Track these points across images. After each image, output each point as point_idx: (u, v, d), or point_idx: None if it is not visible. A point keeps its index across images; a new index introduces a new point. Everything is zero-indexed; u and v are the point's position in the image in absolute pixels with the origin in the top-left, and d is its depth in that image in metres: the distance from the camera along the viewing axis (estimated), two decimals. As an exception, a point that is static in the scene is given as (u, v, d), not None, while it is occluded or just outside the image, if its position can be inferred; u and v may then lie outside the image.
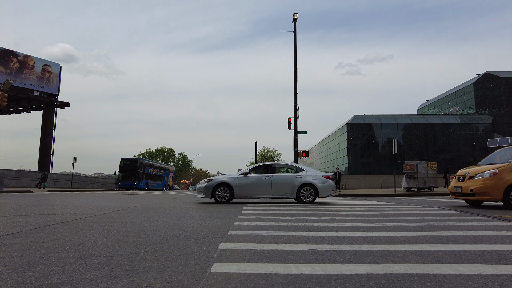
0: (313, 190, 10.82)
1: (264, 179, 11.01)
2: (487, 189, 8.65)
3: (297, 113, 21.14)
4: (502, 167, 8.79)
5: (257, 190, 10.98)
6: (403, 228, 5.11)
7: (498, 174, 8.67)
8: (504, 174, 8.65)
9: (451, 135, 49.44)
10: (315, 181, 10.85)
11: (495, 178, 8.66)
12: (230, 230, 4.81)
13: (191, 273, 2.58)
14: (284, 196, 10.92)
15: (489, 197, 8.70)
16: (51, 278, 2.43)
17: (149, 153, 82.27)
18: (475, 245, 3.75)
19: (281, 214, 7.25)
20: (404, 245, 3.73)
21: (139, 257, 3.11)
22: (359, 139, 49.79)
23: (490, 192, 8.63)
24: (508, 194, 8.49)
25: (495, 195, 8.58)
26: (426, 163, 21.34)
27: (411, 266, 2.80)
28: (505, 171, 8.71)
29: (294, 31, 21.92)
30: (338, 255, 3.24)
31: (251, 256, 3.18)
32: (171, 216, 6.77)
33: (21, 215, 6.60)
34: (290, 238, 4.16)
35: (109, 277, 2.45)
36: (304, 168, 11.42)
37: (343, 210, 8.32)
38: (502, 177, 8.59)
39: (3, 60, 27.87)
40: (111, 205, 9.65)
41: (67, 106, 32.64)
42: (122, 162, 37.00)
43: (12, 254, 3.17)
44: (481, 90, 53.20)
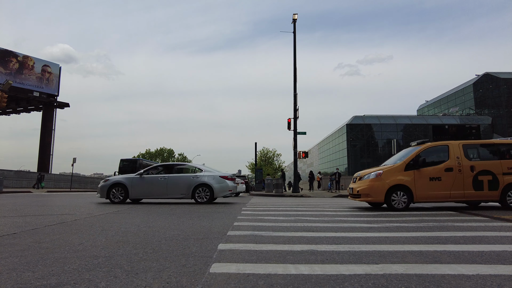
0: (209, 190, 10.74)
1: (159, 180, 10.96)
2: (370, 190, 8.55)
3: (297, 113, 21.16)
4: (387, 168, 8.74)
5: (153, 191, 10.91)
6: (402, 228, 5.12)
7: (382, 175, 8.58)
8: (388, 175, 8.57)
9: (450, 135, 49.46)
10: (211, 181, 10.77)
11: (379, 179, 8.55)
12: (229, 230, 4.81)
13: (190, 273, 2.59)
14: (179, 197, 10.84)
15: (372, 198, 8.56)
16: (50, 278, 2.43)
17: (149, 154, 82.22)
18: (474, 245, 3.75)
19: (280, 214, 7.26)
20: (403, 245, 3.74)
21: (138, 257, 3.11)
22: (359, 140, 49.83)
23: (372, 193, 8.53)
24: (390, 195, 8.40)
25: (377, 196, 8.46)
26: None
27: (410, 267, 2.80)
28: (390, 172, 8.63)
29: (293, 32, 21.94)
30: (337, 255, 3.24)
31: (250, 256, 3.18)
32: (170, 216, 6.77)
33: (21, 216, 6.60)
34: (289, 239, 4.16)
35: (108, 278, 2.45)
36: (203, 169, 11.35)
37: (342, 211, 8.32)
38: (385, 179, 8.51)
39: (2, 61, 27.86)
40: (111, 206, 9.64)
41: (66, 106, 32.63)
42: (122, 162, 36.90)
43: (11, 255, 3.17)
44: (481, 91, 53.27)
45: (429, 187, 8.38)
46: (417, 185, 8.40)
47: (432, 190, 8.38)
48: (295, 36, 21.87)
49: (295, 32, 21.90)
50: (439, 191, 8.37)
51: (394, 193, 8.41)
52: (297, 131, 21.19)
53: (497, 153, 8.76)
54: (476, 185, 8.37)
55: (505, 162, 8.54)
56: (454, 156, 8.56)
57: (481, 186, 8.36)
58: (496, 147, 8.84)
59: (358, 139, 49.84)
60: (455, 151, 8.61)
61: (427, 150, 8.83)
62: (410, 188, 8.38)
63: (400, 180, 8.43)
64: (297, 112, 21.19)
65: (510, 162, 8.56)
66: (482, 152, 8.94)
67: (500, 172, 8.42)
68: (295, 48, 21.82)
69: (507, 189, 8.41)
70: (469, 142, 8.88)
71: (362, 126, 49.74)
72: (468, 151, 8.76)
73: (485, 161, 8.63)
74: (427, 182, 8.40)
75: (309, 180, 28.54)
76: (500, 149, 8.80)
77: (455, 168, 8.45)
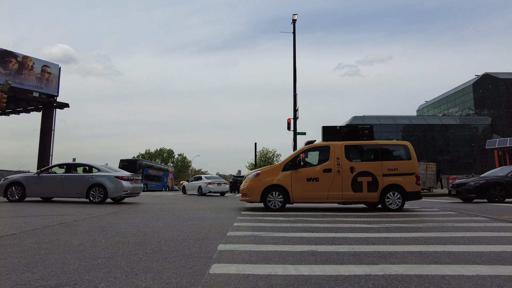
0: (103, 190, 10.68)
1: (56, 179, 10.92)
2: (248, 190, 8.52)
3: (297, 114, 21.16)
4: (267, 169, 8.72)
5: (49, 190, 10.89)
6: (402, 229, 5.12)
7: (260, 176, 8.55)
8: (266, 175, 8.52)
9: (450, 136, 49.48)
10: (105, 181, 10.67)
11: (257, 179, 8.51)
12: (229, 231, 4.81)
13: (190, 274, 2.58)
14: (75, 196, 10.81)
15: (249, 198, 8.50)
16: (50, 279, 2.43)
17: (149, 154, 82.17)
18: (473, 246, 3.75)
19: (280, 215, 7.26)
20: (402, 246, 3.74)
21: (138, 258, 3.11)
22: (359, 140, 49.83)
23: (249, 193, 8.48)
24: (266, 195, 8.34)
25: (254, 196, 8.41)
26: (425, 164, 21.35)
27: (410, 267, 2.80)
28: (268, 172, 8.58)
29: (293, 32, 21.96)
30: (337, 256, 3.24)
31: (250, 257, 3.18)
32: (170, 217, 6.77)
33: (20, 216, 6.59)
34: (289, 239, 4.16)
35: (108, 278, 2.45)
36: (101, 168, 11.25)
37: (342, 211, 8.32)
38: (263, 179, 8.46)
39: (2, 61, 27.86)
40: (111, 206, 9.63)
41: (66, 107, 32.59)
42: (122, 163, 36.98)
43: (11, 255, 3.17)
44: (480, 91, 53.30)
45: (306, 188, 8.31)
46: (293, 186, 8.33)
47: (309, 190, 8.30)
48: (294, 37, 21.89)
49: (295, 32, 21.92)
50: (316, 192, 8.30)
51: (270, 193, 8.33)
52: (297, 131, 21.18)
53: (379, 154, 8.67)
54: (355, 187, 8.30)
55: (386, 163, 8.47)
56: (334, 157, 8.48)
57: (360, 188, 8.29)
58: (378, 148, 8.74)
59: (358, 139, 49.84)
60: (336, 152, 8.52)
61: (308, 150, 8.83)
62: (286, 189, 8.32)
63: (276, 180, 8.38)
64: (297, 112, 21.19)
65: (391, 164, 8.49)
66: (364, 153, 8.89)
67: (380, 174, 8.35)
68: (295, 49, 21.84)
69: (386, 191, 8.33)
70: (351, 143, 8.77)
71: (361, 127, 49.73)
72: (350, 152, 8.68)
73: (366, 162, 8.57)
74: (304, 183, 8.33)
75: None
76: (382, 150, 8.73)
77: (334, 169, 8.38)
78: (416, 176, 8.47)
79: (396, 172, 8.40)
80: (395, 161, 8.58)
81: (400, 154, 8.79)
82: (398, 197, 8.33)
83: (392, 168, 8.42)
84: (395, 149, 8.91)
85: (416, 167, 8.60)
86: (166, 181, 45.20)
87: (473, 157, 48.44)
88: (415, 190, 8.39)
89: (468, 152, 48.98)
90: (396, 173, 8.40)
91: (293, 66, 21.73)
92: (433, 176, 21.55)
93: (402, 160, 8.60)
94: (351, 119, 50.50)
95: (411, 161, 8.57)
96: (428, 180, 20.95)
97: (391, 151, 8.89)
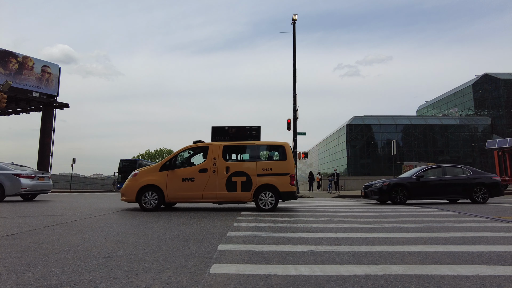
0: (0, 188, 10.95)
1: None
2: (125, 190, 8.51)
3: (297, 114, 21.17)
4: (145, 169, 8.72)
5: None
6: (402, 229, 5.12)
7: (137, 176, 8.56)
8: (143, 175, 8.55)
9: (450, 136, 49.50)
10: (2, 179, 10.95)
11: (134, 179, 8.51)
12: (229, 231, 4.81)
13: (190, 274, 2.59)
14: None
15: (126, 197, 8.49)
16: (50, 279, 2.43)
17: (149, 154, 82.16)
18: (473, 246, 3.76)
19: (280, 215, 7.26)
20: (402, 246, 3.74)
21: (138, 258, 3.11)
22: (358, 140, 49.82)
23: (126, 193, 8.48)
24: (141, 195, 8.34)
25: (130, 196, 8.41)
26: (425, 164, 21.34)
27: (410, 267, 2.81)
28: (145, 172, 8.61)
29: (293, 33, 21.97)
30: (337, 256, 3.25)
31: (250, 257, 3.18)
32: (170, 217, 6.77)
33: (20, 216, 6.59)
34: (289, 239, 4.16)
35: (108, 278, 2.45)
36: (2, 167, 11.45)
37: (342, 211, 8.33)
38: (140, 179, 8.47)
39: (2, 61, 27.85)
40: (110, 207, 9.64)
41: (66, 107, 32.58)
42: (121, 163, 36.96)
43: (11, 255, 3.17)
44: (480, 92, 53.32)
45: (181, 188, 8.35)
46: (169, 186, 8.36)
47: (184, 190, 8.35)
48: (294, 37, 21.90)
49: (295, 32, 21.93)
50: (191, 191, 8.34)
51: (146, 193, 8.35)
52: (297, 131, 21.20)
53: (255, 154, 8.76)
54: (229, 186, 8.34)
55: (261, 163, 8.53)
56: (211, 157, 8.54)
57: (235, 187, 8.33)
58: (254, 148, 8.81)
59: (358, 139, 49.84)
60: (214, 152, 8.58)
61: (188, 150, 8.89)
62: (161, 188, 8.35)
63: (151, 180, 8.40)
64: (297, 112, 21.20)
65: (266, 164, 8.55)
66: (241, 153, 8.99)
67: (255, 174, 8.40)
68: (295, 49, 21.85)
69: (260, 190, 8.36)
70: (230, 143, 8.86)
71: (361, 127, 49.75)
72: (228, 152, 8.81)
73: (241, 162, 8.67)
74: (180, 183, 8.37)
75: (309, 181, 28.52)
76: (257, 150, 8.82)
77: (209, 169, 8.43)
78: (291, 176, 8.47)
79: (271, 172, 8.45)
80: (271, 161, 8.69)
81: (276, 155, 8.90)
82: (271, 197, 8.38)
83: (266, 168, 8.48)
84: (272, 150, 9.04)
85: (291, 167, 8.57)
86: (166, 181, 45.12)
87: (473, 158, 48.44)
88: (289, 190, 8.40)
89: (468, 152, 49.00)
90: (271, 173, 8.44)
91: (293, 66, 21.73)
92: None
93: (277, 161, 8.67)
94: (351, 119, 50.50)
95: (286, 161, 8.58)
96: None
97: (268, 151, 9.06)
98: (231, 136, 9.25)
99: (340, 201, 13.75)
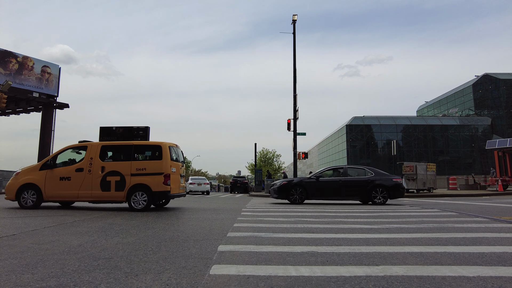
0: None
1: None
2: (7, 188, 8.71)
3: (297, 114, 21.15)
4: (27, 168, 8.86)
5: None
6: (403, 230, 5.11)
7: (19, 174, 8.73)
8: (23, 174, 8.71)
9: (450, 136, 49.48)
10: None
11: (16, 178, 8.72)
12: (229, 232, 4.80)
13: (190, 275, 2.58)
14: None
15: (7, 196, 8.72)
16: (50, 280, 2.42)
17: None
18: (474, 247, 3.74)
19: (280, 215, 7.25)
20: (403, 247, 3.73)
21: (138, 259, 3.10)
22: (359, 140, 49.81)
23: (7, 191, 8.67)
24: (21, 194, 8.50)
25: (10, 194, 8.62)
26: (425, 164, 21.33)
27: (411, 268, 2.80)
28: (26, 171, 8.76)
29: (293, 33, 21.95)
30: (337, 257, 3.24)
31: (250, 258, 3.17)
32: (170, 217, 6.76)
33: (20, 217, 6.58)
34: (289, 240, 4.15)
35: (108, 279, 2.44)
36: None
37: (342, 212, 8.32)
38: (20, 177, 8.65)
39: (2, 61, 27.82)
40: (110, 207, 9.63)
41: (66, 107, 32.53)
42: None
43: (10, 256, 3.16)
44: (480, 92, 53.30)
45: (58, 187, 8.52)
46: (47, 185, 8.54)
47: (61, 189, 8.51)
48: (294, 37, 21.89)
49: (295, 33, 21.91)
50: (67, 190, 8.50)
51: (25, 191, 8.53)
52: (297, 132, 21.18)
53: (130, 154, 8.81)
54: (104, 186, 8.44)
55: (136, 163, 8.60)
56: (88, 157, 8.66)
57: (109, 187, 8.43)
58: (131, 148, 8.87)
59: (358, 139, 49.83)
60: (92, 152, 8.70)
61: (68, 150, 9.00)
62: (39, 187, 8.52)
63: (30, 179, 8.60)
64: (297, 112, 21.18)
65: (141, 163, 8.62)
66: (118, 153, 9.04)
67: (129, 173, 8.46)
68: (295, 49, 21.84)
69: (133, 190, 8.41)
70: (108, 143, 8.97)
71: (361, 127, 49.74)
72: (106, 151, 8.90)
73: (117, 162, 8.72)
74: (58, 182, 8.55)
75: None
76: (135, 150, 8.90)
77: (85, 169, 8.56)
78: (165, 176, 8.47)
79: (145, 172, 8.51)
80: (145, 161, 8.78)
81: (152, 155, 8.95)
82: (144, 196, 8.46)
83: (141, 168, 8.54)
84: (149, 150, 9.12)
85: (166, 167, 8.58)
86: (166, 181, 45.17)
87: (473, 158, 48.43)
88: (162, 190, 8.43)
89: (468, 152, 48.98)
90: (144, 172, 8.50)
91: (293, 66, 21.72)
92: (433, 177, 21.54)
93: (152, 160, 8.73)
94: (351, 119, 50.50)
95: (161, 161, 8.61)
96: (428, 181, 20.93)
97: (144, 151, 9.13)
98: (118, 136, 9.42)
99: (340, 202, 13.73)
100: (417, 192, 20.40)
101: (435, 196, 17.61)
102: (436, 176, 22.14)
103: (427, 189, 21.03)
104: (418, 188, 20.31)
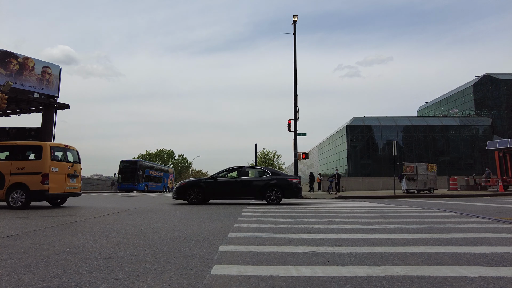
0: None
1: None
2: None
3: (297, 115, 21.16)
4: None
5: None
6: (403, 230, 5.11)
7: None
8: None
9: (450, 137, 49.45)
10: None
11: None
12: (230, 232, 4.80)
13: (191, 275, 2.58)
14: None
15: None
16: (51, 280, 2.42)
17: (149, 155, 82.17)
18: (475, 247, 3.74)
19: (280, 216, 7.24)
20: (404, 247, 3.73)
21: (139, 259, 3.10)
22: (359, 141, 49.80)
23: None
24: None
25: None
26: (425, 165, 21.31)
27: (412, 268, 2.79)
28: None
29: (293, 33, 21.96)
30: (339, 257, 3.23)
31: (251, 258, 3.17)
32: (170, 218, 6.76)
33: (21, 217, 6.59)
34: (290, 240, 4.15)
35: (109, 280, 2.44)
36: None
37: (343, 212, 8.31)
38: None
39: (3, 62, 27.86)
40: (111, 207, 9.64)
41: (66, 107, 32.54)
42: (122, 164, 36.97)
43: (11, 256, 3.17)
44: (481, 92, 53.27)
45: None
46: None
47: None
48: (295, 38, 21.90)
49: (295, 33, 21.93)
50: None
51: None
52: (297, 132, 21.18)
53: (12, 153, 9.04)
54: None
55: (16, 162, 8.83)
56: None
57: None
58: (14, 148, 9.12)
59: (358, 140, 49.82)
60: None
61: None
62: None
63: None
64: (297, 113, 21.19)
65: (20, 163, 8.86)
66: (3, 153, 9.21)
67: (9, 172, 8.71)
68: (295, 49, 21.85)
69: (12, 189, 8.63)
70: None
71: (362, 128, 49.73)
72: None
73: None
74: None
75: (309, 182, 28.48)
76: (17, 150, 9.10)
77: None
78: (43, 175, 8.72)
79: (24, 171, 8.77)
80: (25, 161, 9.01)
81: (33, 154, 9.15)
82: (22, 195, 8.70)
83: (20, 168, 8.81)
84: (30, 150, 9.36)
85: (44, 167, 8.82)
86: (166, 182, 45.19)
87: (474, 158, 48.39)
88: (39, 189, 8.69)
89: (469, 153, 48.96)
90: (24, 172, 8.76)
91: (294, 67, 21.73)
92: (434, 177, 21.52)
93: (32, 160, 8.98)
94: (351, 120, 50.52)
95: (40, 161, 8.85)
96: (428, 181, 20.91)
97: (26, 151, 9.33)
98: (11, 136, 9.74)
99: (341, 202, 13.73)
100: (417, 193, 20.39)
101: (436, 197, 17.60)
102: (436, 176, 22.13)
103: (428, 189, 21.02)
104: (419, 189, 20.30)
